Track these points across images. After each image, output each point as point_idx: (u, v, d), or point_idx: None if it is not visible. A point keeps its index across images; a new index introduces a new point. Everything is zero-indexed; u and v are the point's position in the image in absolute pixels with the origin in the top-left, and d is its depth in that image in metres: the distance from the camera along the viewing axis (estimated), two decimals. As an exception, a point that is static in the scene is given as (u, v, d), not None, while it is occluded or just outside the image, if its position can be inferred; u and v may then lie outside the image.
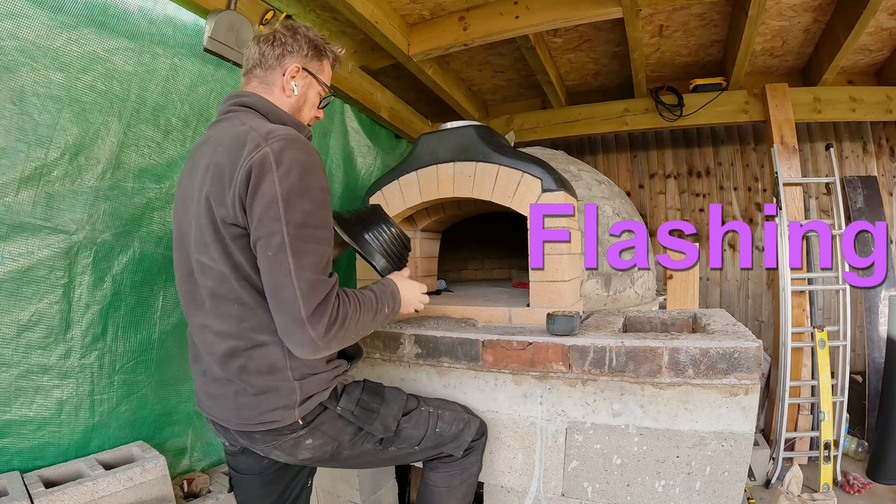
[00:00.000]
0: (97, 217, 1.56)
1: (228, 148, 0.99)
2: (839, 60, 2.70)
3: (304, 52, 1.15)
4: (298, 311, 0.91)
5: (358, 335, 1.05)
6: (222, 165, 0.98)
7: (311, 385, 1.05)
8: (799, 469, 2.24)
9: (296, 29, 1.15)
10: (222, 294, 1.01)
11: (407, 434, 1.20)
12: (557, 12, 2.31)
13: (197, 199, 1.03)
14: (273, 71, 1.13)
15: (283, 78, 1.14)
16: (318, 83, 1.19)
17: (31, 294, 1.44)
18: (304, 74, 1.15)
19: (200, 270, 1.04)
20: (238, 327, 1.01)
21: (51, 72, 1.41)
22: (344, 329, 0.98)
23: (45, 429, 1.48)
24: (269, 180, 0.92)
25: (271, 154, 0.93)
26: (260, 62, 1.13)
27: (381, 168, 3.02)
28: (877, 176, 3.36)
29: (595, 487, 1.38)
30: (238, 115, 1.08)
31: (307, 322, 0.91)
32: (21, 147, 1.37)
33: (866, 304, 3.18)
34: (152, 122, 1.69)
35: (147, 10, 1.65)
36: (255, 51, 1.14)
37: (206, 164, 1.03)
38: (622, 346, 1.31)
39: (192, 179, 1.08)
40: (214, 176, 0.98)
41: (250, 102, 1.10)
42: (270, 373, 1.02)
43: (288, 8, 2.14)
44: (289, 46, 1.13)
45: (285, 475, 1.26)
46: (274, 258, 0.92)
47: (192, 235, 1.06)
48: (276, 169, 0.93)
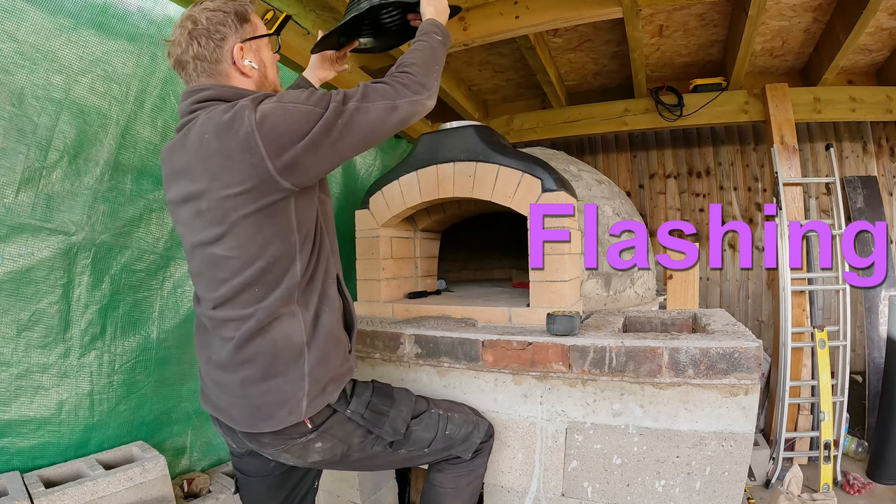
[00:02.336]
0: (96, 218, 1.57)
1: (218, 132, 0.94)
2: (839, 60, 2.70)
3: (235, 27, 1.04)
4: (391, 104, 1.01)
5: (436, 71, 1.13)
6: (223, 149, 0.93)
7: (319, 372, 1.01)
8: (799, 469, 2.24)
9: (207, 7, 1.03)
10: (242, 282, 0.98)
11: (417, 437, 1.19)
12: (557, 12, 2.31)
13: (197, 197, 0.99)
14: (219, 64, 1.04)
15: (233, 66, 1.05)
16: (261, 40, 1.11)
17: (31, 294, 1.44)
18: (248, 45, 1.07)
19: (215, 264, 1.01)
20: (257, 307, 0.99)
21: (50, 73, 1.41)
22: (419, 76, 1.06)
23: (45, 428, 1.49)
24: (272, 113, 0.92)
25: (251, 103, 0.94)
26: (201, 59, 1.03)
27: (381, 168, 3.02)
28: (877, 176, 3.36)
29: (595, 487, 1.38)
30: (205, 109, 1.00)
31: (398, 99, 1.02)
32: (20, 149, 1.37)
33: (866, 304, 3.18)
34: (151, 124, 1.69)
35: (147, 10, 1.65)
36: (187, 51, 1.02)
37: (195, 161, 0.97)
38: (622, 346, 1.31)
39: (177, 183, 1.03)
40: (218, 165, 0.94)
41: (214, 95, 1.01)
42: (286, 350, 0.99)
43: (288, 8, 2.14)
44: (219, 33, 1.02)
45: (292, 477, 1.25)
46: (332, 120, 0.95)
47: (195, 233, 1.02)
48: (266, 103, 0.94)
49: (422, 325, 1.65)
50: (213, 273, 1.02)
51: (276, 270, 0.99)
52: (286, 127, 0.92)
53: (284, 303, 1.00)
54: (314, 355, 1.02)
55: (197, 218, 1.01)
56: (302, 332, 1.01)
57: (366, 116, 0.98)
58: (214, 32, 1.02)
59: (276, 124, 0.92)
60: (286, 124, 0.93)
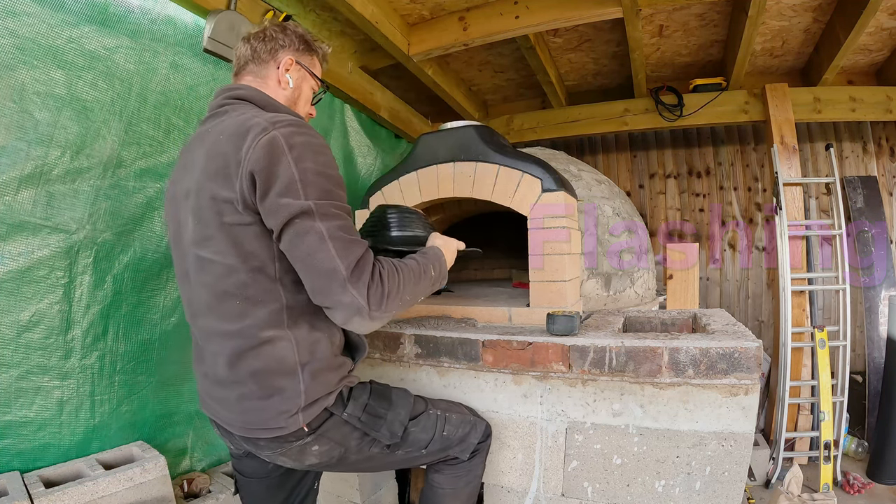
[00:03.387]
0: (98, 216, 1.55)
1: (232, 136, 0.95)
2: (839, 60, 2.70)
3: (296, 47, 1.15)
4: (338, 270, 0.89)
5: (404, 298, 1.00)
6: (226, 155, 0.94)
7: (317, 387, 1.01)
8: (799, 469, 2.24)
9: (285, 26, 1.15)
10: (224, 290, 0.98)
11: (414, 438, 1.18)
12: (557, 12, 2.31)
13: (196, 193, 0.99)
14: (267, 65, 1.12)
15: (277, 71, 1.13)
16: (311, 77, 1.19)
17: (32, 294, 1.43)
18: (297, 67, 1.16)
19: (199, 266, 1.01)
20: (241, 324, 0.97)
21: (51, 70, 1.41)
22: (386, 291, 0.94)
23: (46, 430, 1.48)
24: (283, 163, 0.90)
25: (282, 138, 0.91)
26: (252, 58, 1.12)
27: (381, 168, 3.03)
28: (877, 176, 3.36)
29: (595, 487, 1.38)
30: (235, 108, 1.05)
31: (348, 281, 0.89)
32: (21, 146, 1.37)
33: (866, 304, 3.18)
34: (153, 121, 1.69)
35: (147, 9, 1.65)
36: (247, 48, 1.13)
37: (204, 157, 0.99)
38: (622, 346, 1.31)
39: (185, 176, 1.04)
40: (219, 167, 0.95)
41: (246, 95, 1.07)
42: (281, 373, 0.98)
43: (288, 8, 2.14)
44: (280, 41, 1.13)
45: (291, 478, 1.25)
46: (301, 224, 0.89)
47: (188, 231, 1.02)
48: (289, 152, 0.91)
49: (422, 324, 1.65)
50: (198, 276, 1.02)
51: (257, 287, 0.97)
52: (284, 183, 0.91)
53: (272, 325, 0.98)
54: (309, 374, 1.01)
55: (191, 216, 1.01)
56: (295, 355, 0.99)
57: (320, 251, 0.90)
58: (277, 39, 1.13)
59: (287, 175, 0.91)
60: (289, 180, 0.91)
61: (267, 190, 0.90)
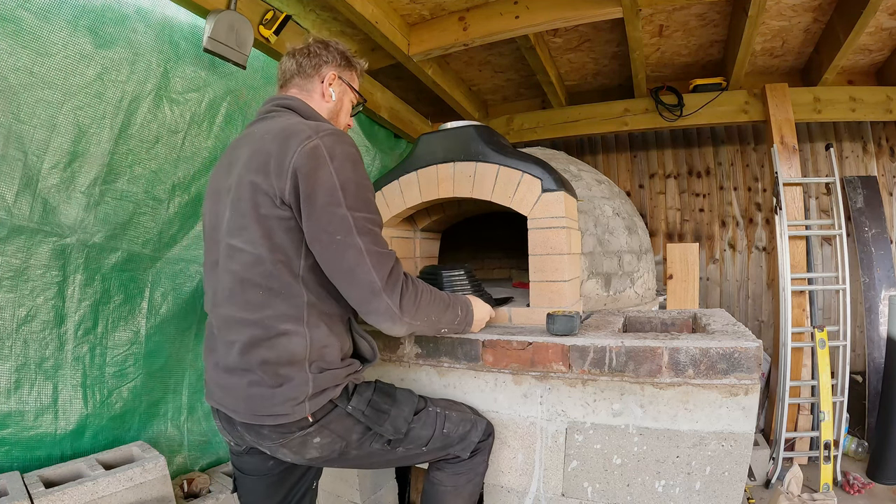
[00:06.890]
0: (89, 221, 1.63)
1: (277, 136, 1.04)
2: (839, 60, 2.70)
3: (338, 62, 1.26)
4: (375, 283, 1.01)
5: (430, 318, 1.14)
6: (270, 153, 1.02)
7: (324, 379, 1.05)
8: (799, 469, 2.25)
9: (328, 42, 1.26)
10: (249, 278, 1.03)
11: (415, 434, 1.19)
12: (557, 12, 2.31)
13: (237, 186, 1.06)
14: (311, 79, 1.23)
15: (321, 85, 1.24)
16: (351, 91, 1.30)
17: (29, 291, 1.52)
18: (339, 82, 1.27)
19: (229, 255, 1.06)
20: (261, 314, 1.02)
21: (46, 77, 1.44)
22: (417, 301, 1.09)
23: (40, 419, 1.55)
24: (325, 171, 0.99)
25: (323, 147, 1.01)
26: (298, 71, 1.23)
27: (380, 168, 3.03)
28: (877, 176, 3.36)
29: (595, 487, 1.38)
30: (281, 114, 1.15)
31: (384, 291, 1.01)
32: (19, 156, 1.42)
33: (866, 304, 3.18)
34: (145, 129, 1.73)
35: (145, 11, 1.65)
36: (292, 63, 1.23)
37: (249, 154, 1.07)
38: (622, 346, 1.31)
39: (229, 171, 1.12)
40: (261, 163, 1.03)
41: (292, 105, 1.18)
42: (290, 364, 1.02)
43: (288, 8, 2.14)
44: (324, 57, 1.23)
45: (290, 477, 1.25)
46: (343, 241, 0.99)
47: (224, 222, 1.08)
48: (331, 161, 1.00)
49: (422, 324, 1.65)
50: (226, 264, 1.08)
51: (280, 280, 1.03)
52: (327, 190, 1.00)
53: (291, 320, 1.03)
54: (317, 368, 1.05)
55: (230, 207, 1.08)
56: (306, 350, 1.04)
57: (358, 263, 1.01)
58: (321, 55, 1.24)
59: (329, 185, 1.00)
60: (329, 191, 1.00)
61: (310, 194, 0.99)
